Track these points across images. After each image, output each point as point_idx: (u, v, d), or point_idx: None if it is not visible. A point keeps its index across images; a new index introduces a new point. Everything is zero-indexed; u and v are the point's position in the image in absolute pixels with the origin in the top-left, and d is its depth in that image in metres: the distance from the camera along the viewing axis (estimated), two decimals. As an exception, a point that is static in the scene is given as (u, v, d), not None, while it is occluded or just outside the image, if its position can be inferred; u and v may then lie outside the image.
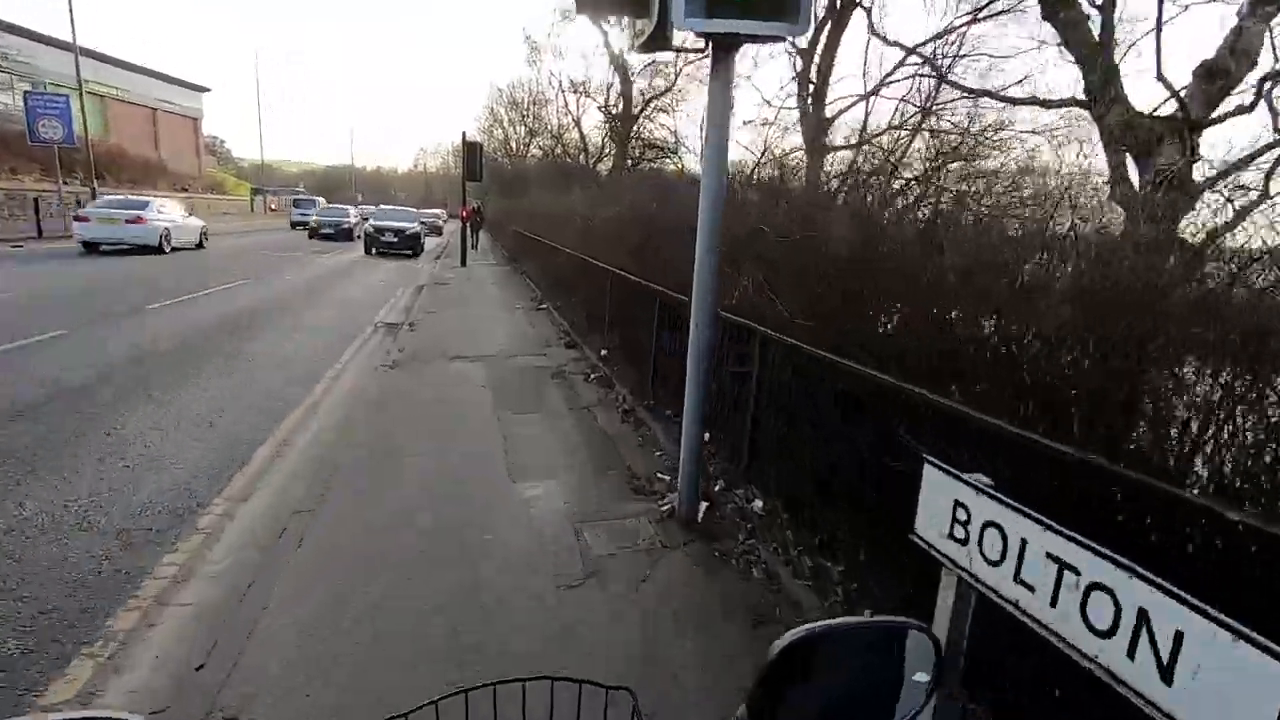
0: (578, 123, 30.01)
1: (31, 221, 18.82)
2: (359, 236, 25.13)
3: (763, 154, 10.17)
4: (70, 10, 21.17)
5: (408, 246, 21.49)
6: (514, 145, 34.47)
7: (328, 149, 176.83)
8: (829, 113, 10.58)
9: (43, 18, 57.18)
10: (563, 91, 27.06)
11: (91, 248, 15.75)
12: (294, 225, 34.32)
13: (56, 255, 15.31)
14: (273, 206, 53.33)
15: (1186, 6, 6.82)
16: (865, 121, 9.96)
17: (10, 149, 22.71)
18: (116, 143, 38.05)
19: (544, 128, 32.30)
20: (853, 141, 9.81)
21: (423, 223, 24.37)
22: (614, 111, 22.07)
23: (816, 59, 10.56)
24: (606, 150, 29.27)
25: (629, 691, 0.76)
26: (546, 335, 9.24)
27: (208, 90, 48.49)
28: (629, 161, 20.20)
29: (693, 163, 15.28)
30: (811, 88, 10.72)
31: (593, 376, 6.89)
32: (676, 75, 20.64)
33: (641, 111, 22.08)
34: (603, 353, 7.51)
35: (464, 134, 18.04)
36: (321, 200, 39.31)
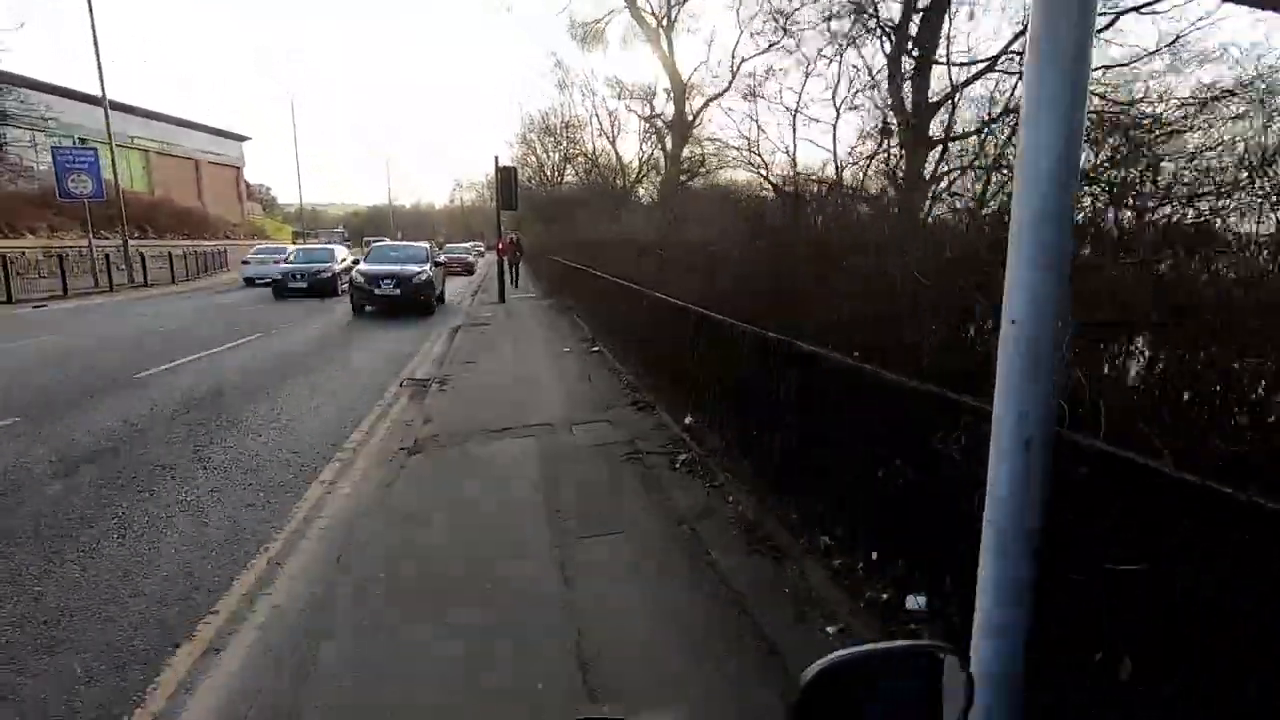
0: (613, 142, 28.68)
1: (57, 279, 18.15)
2: (344, 290, 17.11)
3: (859, 150, 8.23)
4: (98, 62, 20.84)
5: (415, 300, 14.44)
6: (549, 172, 33.35)
7: (368, 191, 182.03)
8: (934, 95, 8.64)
9: (80, 75, 59.41)
10: (597, 114, 25.75)
11: (250, 282, 22.69)
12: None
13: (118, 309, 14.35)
14: (314, 249, 53.89)
15: None
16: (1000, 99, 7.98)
17: (49, 206, 22.51)
18: (164, 194, 38.69)
19: (579, 151, 31.13)
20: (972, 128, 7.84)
21: (441, 262, 19.14)
22: (662, 121, 20.24)
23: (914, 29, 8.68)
24: (644, 172, 27.84)
25: None
26: (606, 390, 7.42)
27: (248, 139, 49.42)
28: (682, 177, 18.30)
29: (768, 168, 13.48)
30: (911, 66, 8.80)
31: (680, 460, 5.00)
32: (734, 73, 18.67)
33: (699, 114, 19.94)
34: (688, 421, 5.62)
35: (496, 159, 16.71)
36: (338, 246, 34.41)
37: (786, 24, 13.10)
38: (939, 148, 8.45)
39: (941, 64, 8.52)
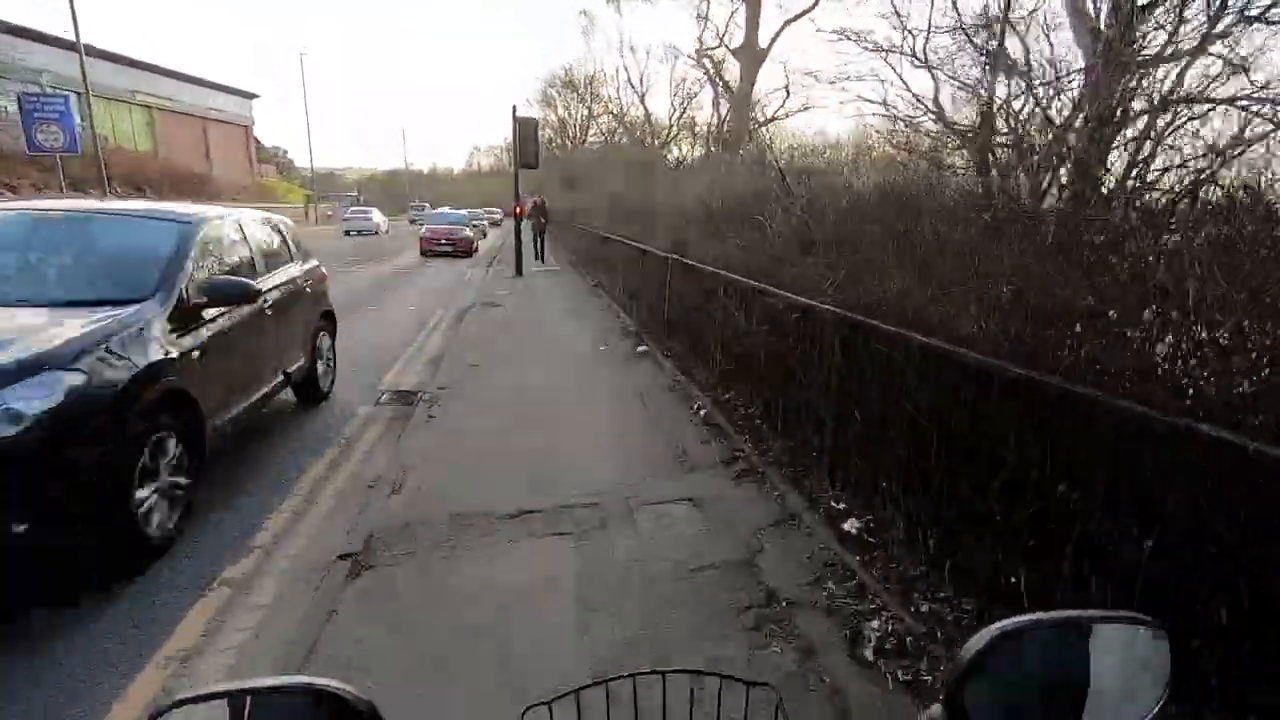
0: (643, 99, 25.77)
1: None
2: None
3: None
4: (71, 4, 18.31)
5: None
6: (573, 131, 30.52)
7: (385, 154, 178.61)
8: None
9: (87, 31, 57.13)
10: (625, 67, 22.75)
11: (348, 235, 31.12)
12: (346, 234, 32.18)
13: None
14: (328, 214, 51.80)
15: None
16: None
17: (35, 163, 20.35)
18: (167, 153, 36.55)
19: (604, 108, 28.24)
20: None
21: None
22: (728, 47, 16.68)
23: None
24: (675, 132, 24.89)
25: (772, 688, 0.75)
26: (672, 423, 4.96)
27: (257, 96, 47.00)
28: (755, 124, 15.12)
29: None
30: None
31: (885, 638, 2.52)
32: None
33: (776, 38, 16.20)
34: (850, 526, 3.15)
35: (514, 109, 14.01)
36: (376, 211, 36.84)
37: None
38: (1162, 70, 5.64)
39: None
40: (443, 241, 20.06)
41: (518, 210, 15.22)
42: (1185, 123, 4.46)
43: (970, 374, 2.40)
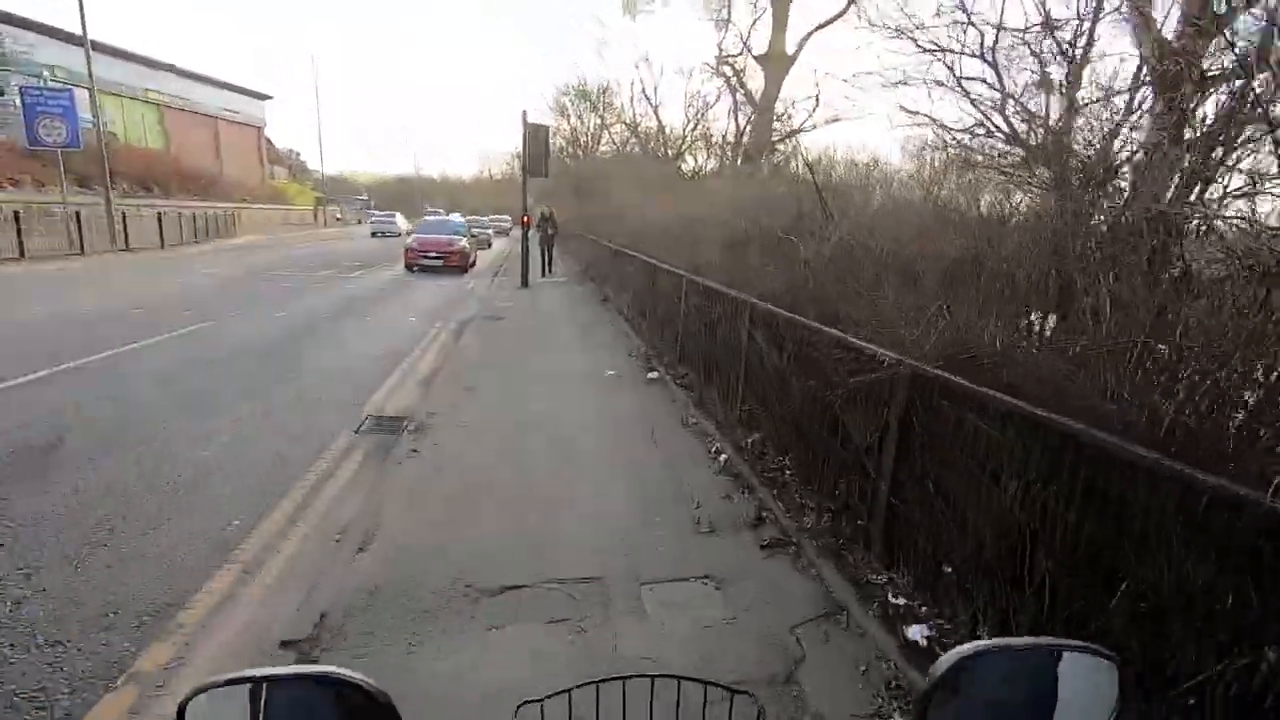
0: (655, 110, 25.29)
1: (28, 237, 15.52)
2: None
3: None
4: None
5: None
6: (585, 140, 30.11)
7: (397, 159, 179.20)
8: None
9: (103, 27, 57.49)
10: (640, 79, 22.27)
11: (375, 236, 33.14)
12: (373, 235, 34.36)
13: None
14: (337, 216, 51.70)
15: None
16: None
17: (37, 157, 20.01)
18: (178, 152, 36.36)
19: (617, 117, 27.80)
20: None
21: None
22: (752, 54, 15.71)
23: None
24: (689, 143, 24.40)
25: (753, 697, 0.76)
26: (689, 469, 4.35)
27: (270, 98, 46.88)
28: (775, 133, 14.40)
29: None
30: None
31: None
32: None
33: (804, 44, 14.96)
34: (915, 635, 2.52)
35: (524, 114, 13.51)
36: (399, 215, 37.27)
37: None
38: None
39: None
40: (431, 254, 17.29)
41: (525, 220, 14.69)
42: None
43: (1115, 463, 1.79)
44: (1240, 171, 3.68)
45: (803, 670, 2.43)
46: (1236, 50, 3.71)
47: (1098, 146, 3.61)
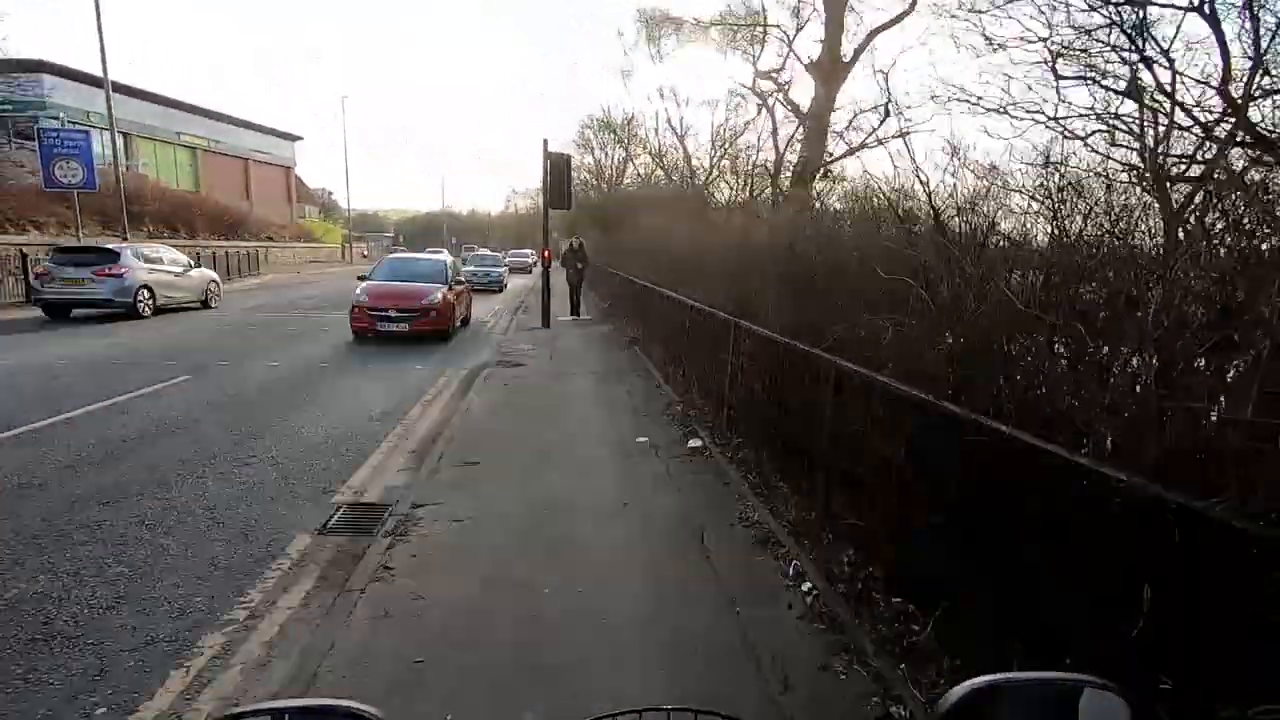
0: (681, 139, 24.51)
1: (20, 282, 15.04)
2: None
3: None
4: (100, 39, 17.83)
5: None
6: (610, 172, 29.50)
7: (425, 197, 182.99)
8: None
9: (129, 71, 59.53)
10: (665, 110, 21.54)
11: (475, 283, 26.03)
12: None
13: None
14: (364, 254, 51.92)
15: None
16: None
17: (63, 199, 19.81)
18: (209, 193, 36.74)
19: (642, 148, 27.16)
20: None
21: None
22: (807, 61, 13.57)
23: None
24: (715, 175, 23.51)
25: None
26: (763, 618, 3.06)
27: (300, 139, 47.58)
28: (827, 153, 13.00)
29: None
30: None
31: None
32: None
33: (862, 50, 13.19)
34: None
35: (545, 143, 12.63)
36: (445, 251, 36.69)
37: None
38: None
39: None
40: (390, 312, 10.75)
41: (545, 255, 13.70)
42: None
43: None
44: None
45: None
46: None
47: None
